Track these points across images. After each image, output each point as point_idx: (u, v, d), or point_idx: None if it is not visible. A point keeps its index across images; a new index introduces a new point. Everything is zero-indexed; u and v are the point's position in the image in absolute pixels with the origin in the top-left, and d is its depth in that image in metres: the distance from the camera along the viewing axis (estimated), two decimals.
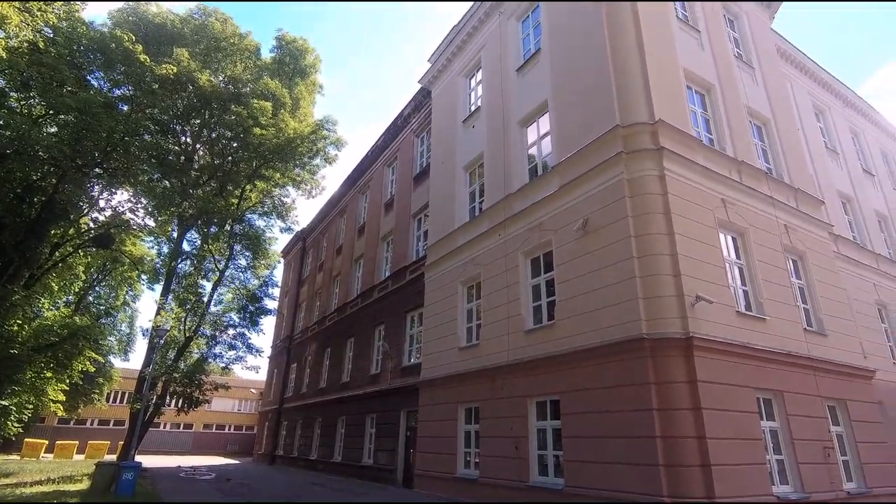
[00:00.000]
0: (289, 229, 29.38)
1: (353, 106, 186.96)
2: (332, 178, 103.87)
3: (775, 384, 9.86)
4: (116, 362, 39.61)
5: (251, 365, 27.77)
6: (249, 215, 27.67)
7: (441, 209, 16.85)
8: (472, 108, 16.86)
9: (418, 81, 20.38)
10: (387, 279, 21.28)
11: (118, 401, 44.92)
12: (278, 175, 26.02)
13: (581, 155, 11.20)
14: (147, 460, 28.33)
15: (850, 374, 11.61)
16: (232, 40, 24.26)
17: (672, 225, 9.60)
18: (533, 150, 13.51)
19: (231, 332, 25.05)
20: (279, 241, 37.49)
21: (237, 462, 33.51)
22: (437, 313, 15.45)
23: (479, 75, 16.85)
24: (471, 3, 17.31)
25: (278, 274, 42.24)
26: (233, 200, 25.77)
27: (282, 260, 39.58)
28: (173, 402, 24.43)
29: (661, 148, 10.15)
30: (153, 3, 23.85)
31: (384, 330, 20.30)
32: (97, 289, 33.67)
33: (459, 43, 17.90)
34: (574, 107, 11.97)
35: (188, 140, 25.73)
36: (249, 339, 25.37)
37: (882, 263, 17.84)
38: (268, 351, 38.46)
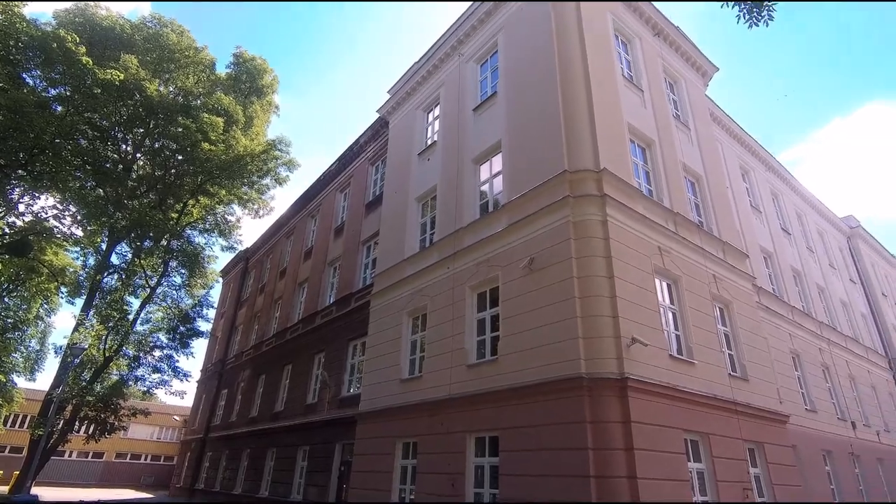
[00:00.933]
0: (231, 248, 28.37)
1: (310, 130, 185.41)
2: (282, 199, 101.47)
3: (702, 426, 10.32)
4: (20, 382, 35.99)
5: (177, 390, 25.78)
6: (189, 231, 26.52)
7: (391, 238, 16.82)
8: (429, 141, 17.17)
9: (377, 111, 20.58)
10: (331, 305, 20.81)
11: (17, 425, 40.63)
12: (224, 192, 25.24)
13: (530, 196, 11.59)
14: (47, 493, 25.59)
15: (768, 418, 12.35)
16: (187, 52, 23.69)
17: (612, 268, 10.02)
18: (485, 188, 13.86)
19: (157, 353, 23.59)
20: (219, 259, 35.97)
21: (151, 496, 30.89)
22: (380, 343, 15.20)
23: (437, 111, 17.25)
24: (432, 44, 17.87)
25: (215, 294, 40.41)
26: (172, 215, 24.65)
27: (220, 280, 37.88)
28: (83, 427, 22.44)
29: (604, 195, 10.69)
30: (103, 4, 23.02)
31: (324, 358, 19.71)
32: (6, 300, 30.79)
33: (419, 79, 18.33)
34: (526, 150, 12.45)
35: (128, 149, 24.57)
36: (177, 361, 23.98)
37: (796, 315, 19.35)
38: (197, 375, 36.28)
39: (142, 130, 23.60)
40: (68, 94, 19.44)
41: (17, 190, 20.43)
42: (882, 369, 25.47)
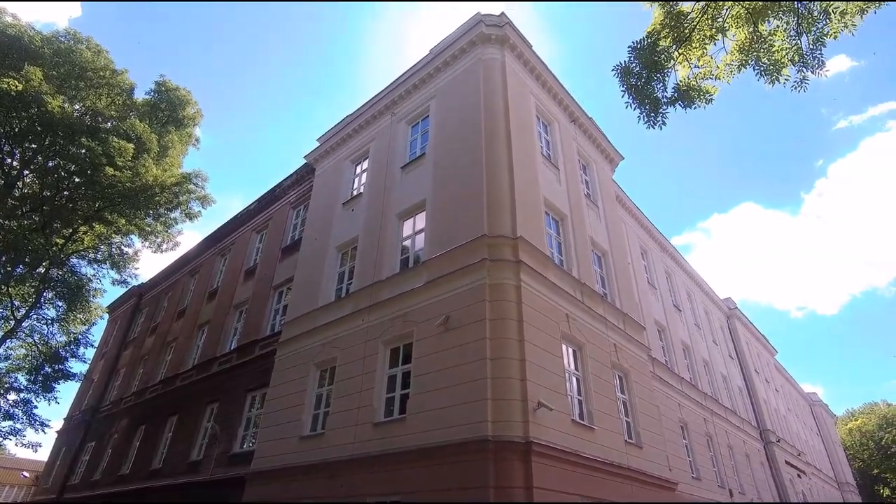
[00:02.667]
0: (124, 282, 25.89)
1: (231, 169, 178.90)
2: (190, 235, 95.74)
3: (599, 492, 10.58)
4: None
5: (30, 441, 21.83)
6: (76, 260, 24.00)
7: (306, 285, 16.29)
8: (355, 192, 17.22)
9: (304, 157, 20.42)
10: (232, 352, 19.40)
11: None
12: (124, 221, 23.30)
13: (450, 256, 11.88)
14: None
15: (659, 485, 12.95)
16: (102, 73, 22.32)
17: (523, 332, 10.37)
18: (407, 243, 14.01)
19: (13, 396, 20.46)
20: (108, 293, 32.59)
21: None
22: (282, 395, 14.30)
23: (366, 164, 17.47)
24: (365, 100, 18.36)
25: (98, 331, 36.24)
26: (58, 240, 22.25)
27: (106, 316, 34.13)
28: None
29: (519, 261, 11.21)
30: (10, 11, 21.38)
31: (217, 409, 18.08)
32: None
33: (350, 131, 18.58)
34: (449, 211, 12.86)
35: (14, 163, 22.17)
36: (35, 407, 20.89)
37: (685, 386, 20.91)
38: (59, 423, 31.59)
39: (34, 146, 21.50)
40: None
41: None
42: (754, 439, 27.91)
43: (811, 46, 6.23)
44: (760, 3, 6.28)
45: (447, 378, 10.29)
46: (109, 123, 22.51)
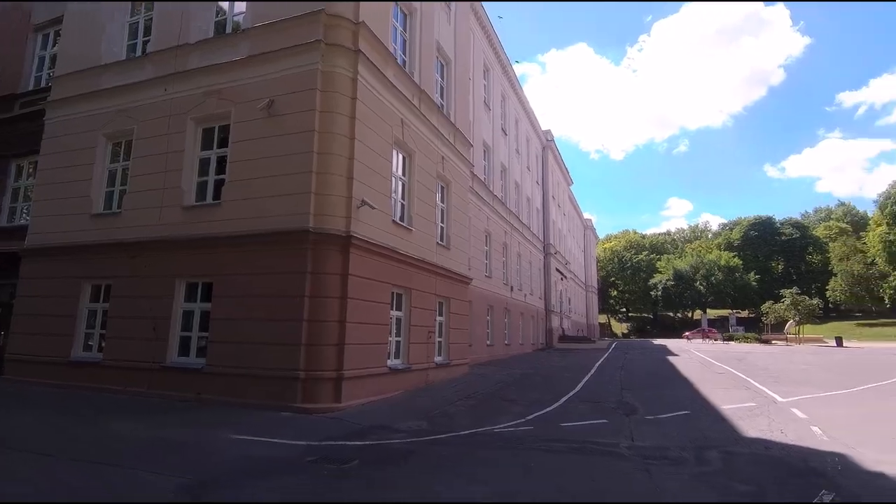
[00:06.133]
0: None
1: None
2: None
3: (408, 282, 11.92)
4: None
5: None
6: None
7: (84, 33, 12.76)
8: None
9: None
10: None
11: None
12: None
13: (278, 28, 10.18)
14: None
15: (457, 279, 15.09)
16: None
17: (355, 130, 9.96)
18: (224, 3, 11.52)
19: None
20: None
21: None
22: (62, 166, 12.09)
23: None
24: None
25: None
26: None
27: None
28: None
29: (358, 50, 10.18)
30: None
31: None
32: None
33: None
34: None
35: None
36: None
37: (495, 203, 23.41)
38: None
39: None
40: None
41: None
42: (539, 251, 33.75)
43: None
44: None
45: (269, 167, 9.69)
46: None
